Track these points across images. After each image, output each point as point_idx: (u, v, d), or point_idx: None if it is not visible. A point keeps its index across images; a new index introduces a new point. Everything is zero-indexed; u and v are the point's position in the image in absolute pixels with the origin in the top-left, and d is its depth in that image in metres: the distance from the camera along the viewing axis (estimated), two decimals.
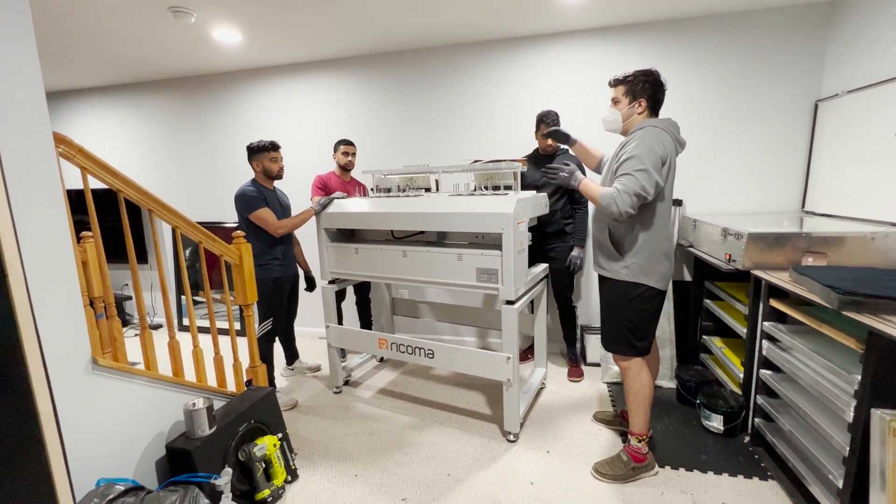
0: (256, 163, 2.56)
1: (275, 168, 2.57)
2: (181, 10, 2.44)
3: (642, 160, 1.66)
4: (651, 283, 1.79)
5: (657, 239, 1.78)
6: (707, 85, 2.84)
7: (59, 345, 1.38)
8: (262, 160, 2.54)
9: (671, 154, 1.73)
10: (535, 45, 3.06)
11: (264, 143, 2.53)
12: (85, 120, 4.22)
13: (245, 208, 2.49)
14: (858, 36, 2.39)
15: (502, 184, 2.28)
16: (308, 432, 2.37)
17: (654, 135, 1.70)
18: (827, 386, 1.56)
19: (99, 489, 1.40)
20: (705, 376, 2.49)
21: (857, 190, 2.33)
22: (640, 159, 1.67)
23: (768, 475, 1.89)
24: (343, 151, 2.94)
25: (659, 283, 1.81)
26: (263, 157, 2.54)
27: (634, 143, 1.71)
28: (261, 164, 2.55)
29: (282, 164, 2.61)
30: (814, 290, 1.62)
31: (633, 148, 1.70)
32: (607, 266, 1.88)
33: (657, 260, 1.78)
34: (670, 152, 1.72)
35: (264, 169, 2.56)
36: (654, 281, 1.79)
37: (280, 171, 2.60)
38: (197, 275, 4.06)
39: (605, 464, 1.95)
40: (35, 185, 1.30)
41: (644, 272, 1.78)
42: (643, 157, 1.67)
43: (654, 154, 1.67)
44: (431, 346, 2.36)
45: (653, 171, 1.66)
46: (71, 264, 1.41)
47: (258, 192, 2.51)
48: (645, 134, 1.71)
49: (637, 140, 1.71)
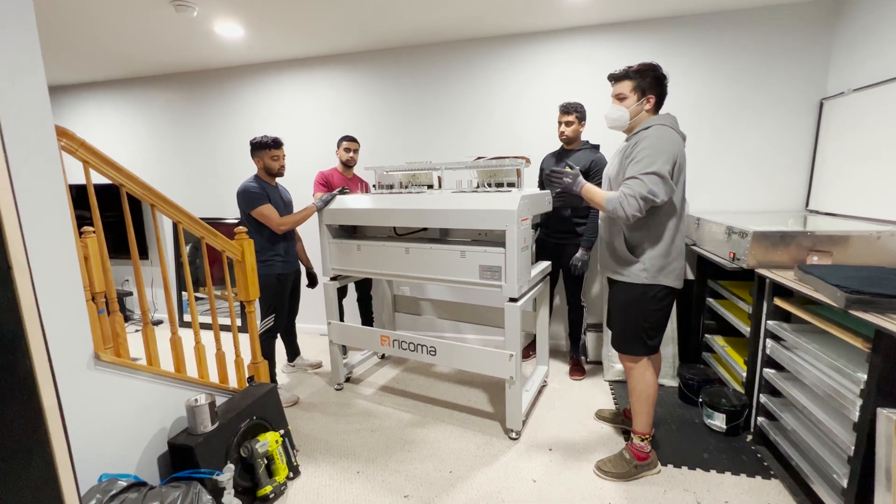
0: (258, 159, 2.55)
1: (275, 166, 2.55)
2: (183, 5, 2.43)
3: (653, 163, 1.61)
4: (668, 282, 1.77)
5: (674, 238, 1.75)
6: (711, 82, 2.83)
7: (62, 339, 1.37)
8: (263, 157, 2.53)
9: (681, 152, 1.70)
10: (539, 42, 3.04)
11: (267, 140, 2.51)
12: (85, 115, 4.21)
13: (247, 204, 2.47)
14: (864, 34, 2.38)
15: (505, 181, 2.27)
16: (310, 429, 2.36)
17: (665, 135, 1.66)
18: (832, 385, 1.55)
19: (101, 485, 1.40)
20: (708, 375, 2.49)
21: (862, 188, 2.32)
22: (650, 162, 1.61)
23: (771, 474, 1.88)
24: (345, 147, 2.93)
25: (675, 283, 1.78)
26: (265, 154, 2.52)
27: (645, 144, 1.65)
28: (262, 161, 2.54)
29: (283, 163, 2.59)
30: (820, 289, 1.61)
31: (644, 149, 1.64)
32: (622, 270, 1.83)
33: (674, 259, 1.76)
34: (681, 150, 1.69)
35: (265, 165, 2.54)
36: (671, 280, 1.77)
37: (281, 168, 2.58)
38: (198, 270, 4.05)
39: (607, 462, 1.94)
40: (37, 178, 1.29)
41: (662, 272, 1.76)
42: (655, 159, 1.61)
43: (667, 156, 1.62)
44: (434, 343, 2.35)
45: (665, 175, 1.61)
46: (73, 258, 1.40)
47: (260, 189, 2.50)
48: (656, 134, 1.66)
49: (648, 140, 1.65)
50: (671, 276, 1.77)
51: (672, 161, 1.64)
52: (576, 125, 2.59)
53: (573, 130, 2.59)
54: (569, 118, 2.58)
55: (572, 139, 2.64)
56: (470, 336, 3.52)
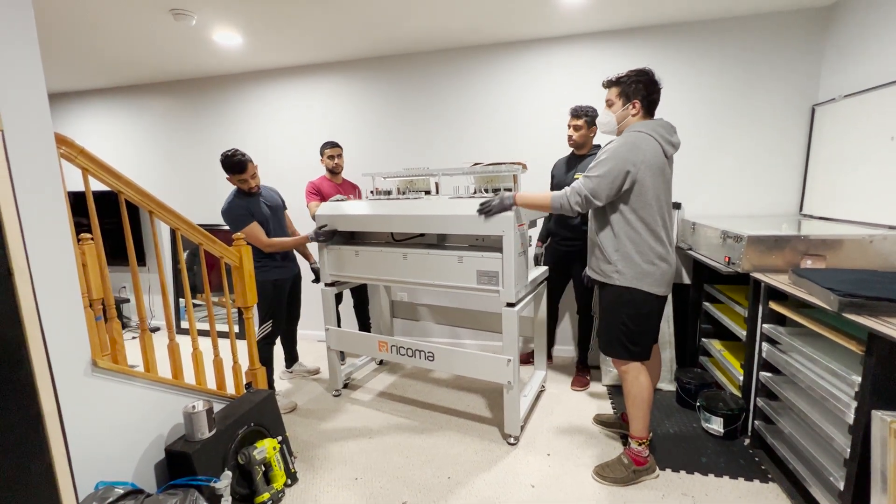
0: (230, 178, 2.46)
1: (245, 188, 2.47)
2: (182, 13, 2.45)
3: (603, 166, 1.73)
4: (645, 287, 1.78)
5: (647, 243, 1.76)
6: (705, 88, 2.86)
7: (60, 346, 1.37)
8: (232, 179, 2.45)
9: (653, 159, 1.70)
10: (536, 49, 3.08)
11: (232, 163, 2.39)
12: (83, 122, 4.21)
13: (233, 225, 2.42)
14: (855, 41, 2.42)
15: (502, 186, 2.28)
16: (307, 435, 2.36)
17: (631, 141, 1.72)
18: (827, 388, 1.56)
19: (98, 492, 1.39)
20: (705, 379, 2.50)
21: (854, 193, 2.35)
22: (601, 165, 1.74)
23: (769, 477, 1.89)
24: (329, 155, 2.94)
25: (653, 288, 1.79)
26: (233, 179, 2.45)
27: (607, 149, 1.76)
28: (234, 181, 2.47)
29: (256, 181, 2.50)
30: (813, 293, 1.62)
31: (603, 153, 1.76)
32: (598, 269, 1.89)
33: (647, 263, 1.77)
34: (650, 158, 1.69)
35: (237, 185, 2.48)
36: (648, 285, 1.78)
37: (255, 187, 2.50)
38: (195, 277, 4.05)
39: (605, 466, 1.94)
40: (37, 185, 1.30)
41: (636, 277, 1.78)
42: (606, 163, 1.72)
43: (621, 162, 1.70)
44: (432, 348, 2.35)
45: (609, 179, 1.71)
46: (72, 265, 1.40)
47: (245, 208, 2.45)
48: (623, 140, 1.74)
49: (612, 145, 1.76)
50: (647, 280, 1.77)
51: (626, 167, 1.70)
52: (584, 130, 2.53)
53: (581, 136, 2.54)
54: (577, 122, 2.52)
55: (581, 144, 2.59)
56: (467, 341, 3.52)
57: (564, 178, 2.64)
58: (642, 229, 1.76)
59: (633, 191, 1.72)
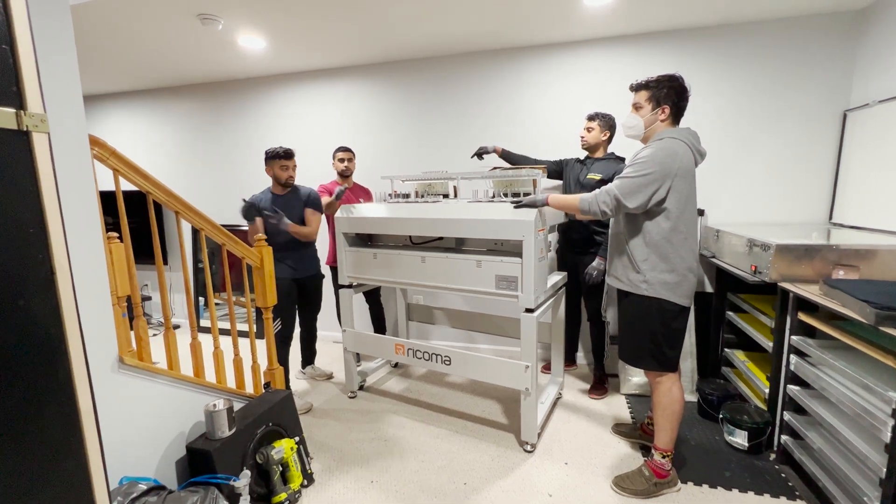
0: (269, 168, 2.63)
1: (283, 176, 2.62)
2: (209, 18, 2.50)
3: (641, 170, 1.66)
4: (674, 298, 1.74)
5: (678, 253, 1.72)
6: (732, 93, 2.80)
7: (92, 343, 1.40)
8: (273, 166, 2.62)
9: (688, 167, 1.69)
10: (556, 53, 3.06)
11: (277, 151, 2.60)
12: (110, 123, 4.34)
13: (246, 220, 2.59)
14: (889, 46, 2.34)
15: (522, 191, 2.27)
16: (323, 437, 2.36)
17: (670, 147, 1.67)
18: (862, 404, 1.50)
19: (122, 487, 1.42)
20: (728, 390, 2.43)
21: (888, 202, 2.27)
22: (638, 168, 1.67)
23: (796, 495, 1.83)
24: (339, 158, 2.98)
25: (682, 300, 1.75)
26: (274, 164, 2.61)
27: (646, 153, 1.70)
28: (272, 170, 2.63)
29: (291, 173, 2.65)
30: (848, 305, 1.57)
31: (642, 157, 1.70)
32: (624, 278, 1.83)
33: (680, 275, 1.73)
34: (686, 165, 1.68)
35: (274, 174, 2.63)
36: (678, 297, 1.74)
37: (289, 179, 2.64)
38: (214, 276, 4.11)
39: (625, 478, 1.90)
40: (72, 185, 1.34)
41: (666, 288, 1.73)
42: (644, 167, 1.66)
43: (661, 167, 1.64)
44: (448, 352, 2.34)
45: (645, 183, 1.65)
46: (102, 263, 1.44)
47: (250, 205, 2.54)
48: (662, 146, 1.68)
49: (650, 150, 1.69)
50: (677, 292, 1.74)
51: (662, 176, 1.65)
52: (597, 132, 2.58)
53: (593, 137, 2.59)
54: (590, 124, 2.59)
55: (592, 146, 2.62)
56: (483, 346, 3.50)
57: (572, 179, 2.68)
58: (676, 239, 1.71)
59: (670, 199, 1.68)
